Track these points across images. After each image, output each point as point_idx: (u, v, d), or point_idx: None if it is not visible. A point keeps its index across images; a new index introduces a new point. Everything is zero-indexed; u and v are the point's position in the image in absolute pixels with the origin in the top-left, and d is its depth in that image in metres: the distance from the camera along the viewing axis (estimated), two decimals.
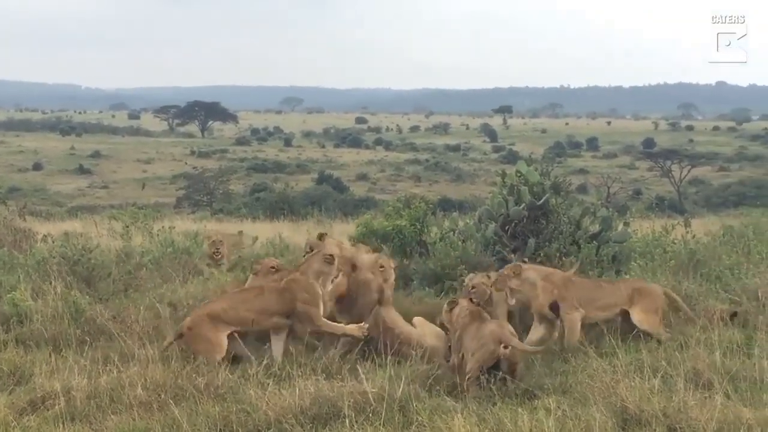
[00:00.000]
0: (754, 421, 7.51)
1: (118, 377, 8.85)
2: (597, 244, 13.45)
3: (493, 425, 7.53)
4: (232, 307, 10.13)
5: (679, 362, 9.14)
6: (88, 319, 11.03)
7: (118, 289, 12.78)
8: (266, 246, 15.68)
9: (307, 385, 8.45)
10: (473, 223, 13.90)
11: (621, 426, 7.66)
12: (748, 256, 14.22)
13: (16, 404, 8.45)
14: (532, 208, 13.23)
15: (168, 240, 16.29)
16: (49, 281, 12.41)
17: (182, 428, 7.62)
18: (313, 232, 18.13)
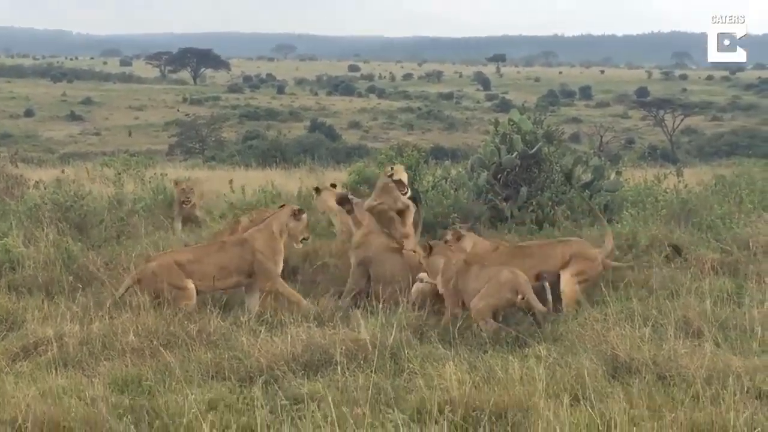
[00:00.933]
0: (743, 369, 7.55)
1: (110, 324, 8.88)
2: (589, 193, 13.45)
3: (483, 373, 7.56)
4: (196, 259, 10.09)
5: (670, 311, 9.18)
6: (81, 266, 11.04)
7: (110, 236, 12.77)
8: (258, 194, 15.61)
9: (299, 333, 8.48)
10: (465, 172, 13.91)
11: (611, 374, 7.70)
12: (739, 205, 14.24)
13: (9, 350, 8.48)
14: (524, 157, 13.21)
15: (160, 187, 16.27)
16: (41, 228, 12.40)
17: (174, 374, 7.64)
18: (305, 179, 18.15)
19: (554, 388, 7.24)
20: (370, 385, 7.33)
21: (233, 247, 10.20)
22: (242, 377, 7.71)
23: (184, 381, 7.52)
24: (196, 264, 9.96)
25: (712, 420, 6.52)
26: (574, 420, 6.54)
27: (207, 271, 9.92)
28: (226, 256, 10.10)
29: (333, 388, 7.31)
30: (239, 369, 7.84)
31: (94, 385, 7.37)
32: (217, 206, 15.55)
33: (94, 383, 7.45)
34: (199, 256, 10.15)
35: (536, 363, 7.77)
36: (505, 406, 6.78)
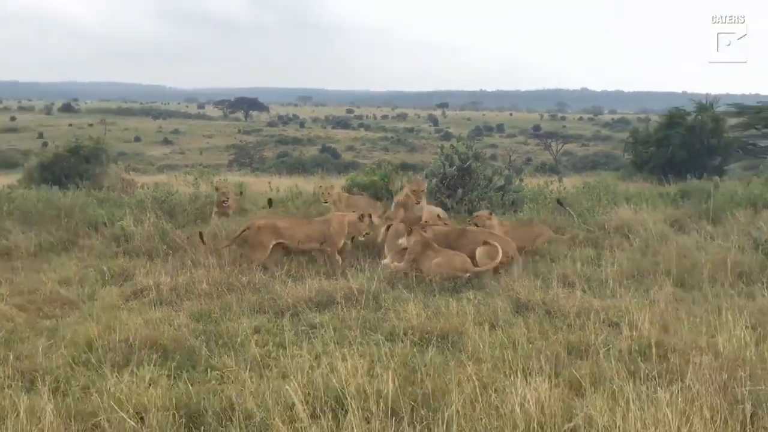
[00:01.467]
0: (600, 307, 7.59)
1: (190, 276, 8.85)
2: (502, 193, 13.47)
3: (433, 308, 7.59)
4: (291, 226, 10.03)
5: (553, 269, 9.22)
6: (171, 239, 11.00)
7: (190, 220, 12.73)
8: (287, 191, 15.61)
9: (313, 283, 8.48)
10: (422, 179, 13.89)
11: (515, 310, 7.73)
12: (599, 201, 14.28)
13: (124, 293, 8.49)
14: (460, 169, 13.21)
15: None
16: (145, 214, 12.38)
17: (233, 309, 7.66)
18: (318, 183, 18.09)
19: (479, 319, 7.27)
20: (360, 317, 7.35)
21: (317, 224, 10.14)
22: (276, 312, 7.71)
23: (238, 314, 7.54)
24: (290, 230, 9.93)
25: (580, 340, 6.56)
26: (491, 340, 6.57)
27: (296, 235, 9.89)
28: (311, 228, 10.05)
29: (336, 319, 7.32)
30: (274, 306, 7.84)
31: (180, 317, 7.38)
32: (260, 199, 15.51)
33: (179, 315, 7.46)
34: (293, 224, 10.14)
35: (467, 303, 7.79)
36: (447, 330, 6.81)
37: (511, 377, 5.39)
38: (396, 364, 5.70)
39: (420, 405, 5.11)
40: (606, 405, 4.79)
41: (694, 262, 9.49)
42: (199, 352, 6.32)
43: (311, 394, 5.18)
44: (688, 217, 13.00)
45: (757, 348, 6.23)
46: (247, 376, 5.56)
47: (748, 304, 7.83)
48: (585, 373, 5.62)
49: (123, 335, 6.53)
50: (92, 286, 8.96)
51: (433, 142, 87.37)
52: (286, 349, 6.38)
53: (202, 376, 5.87)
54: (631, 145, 28.55)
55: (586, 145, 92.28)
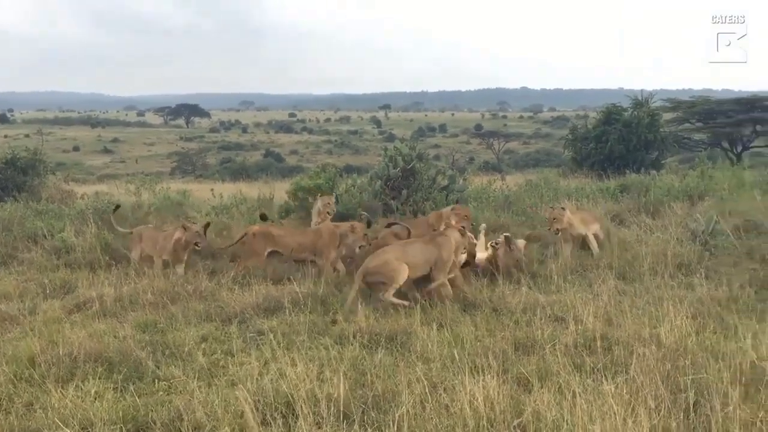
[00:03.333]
0: (546, 302, 7.69)
1: (134, 287, 8.73)
2: (446, 192, 13.53)
3: (381, 310, 7.60)
4: (285, 235, 9.87)
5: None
6: (113, 249, 10.83)
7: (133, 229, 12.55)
8: (230, 198, 15.49)
9: (260, 289, 8.45)
10: (367, 181, 13.87)
11: (462, 309, 7.78)
12: (541, 198, 14.48)
13: (66, 306, 8.31)
14: (404, 171, 13.22)
15: (166, 196, 16.06)
16: (87, 224, 12.19)
17: (178, 319, 7.55)
18: (262, 189, 17.97)
19: (427, 319, 7.30)
20: (308, 321, 7.33)
21: (310, 234, 9.93)
22: (223, 319, 7.64)
23: (184, 323, 7.45)
24: (284, 238, 9.75)
25: (527, 336, 6.62)
26: (439, 339, 6.60)
27: (289, 244, 9.70)
28: (304, 237, 9.85)
29: (284, 324, 7.28)
30: (221, 314, 7.77)
31: (125, 328, 7.27)
32: (203, 206, 15.35)
33: (124, 327, 7.34)
34: (287, 233, 9.98)
35: (414, 303, 7.82)
36: (395, 331, 6.82)
37: (459, 376, 5.41)
38: (346, 367, 5.69)
39: (371, 407, 5.11)
40: (553, 399, 4.85)
41: (635, 254, 9.68)
42: (146, 363, 6.22)
43: (261, 401, 5.15)
44: (628, 210, 13.24)
45: (697, 337, 6.38)
46: (195, 385, 5.50)
47: (688, 294, 8.02)
48: (532, 368, 5.68)
49: (66, 349, 6.39)
50: (33, 300, 8.74)
51: (377, 144, 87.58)
52: (235, 356, 6.34)
53: (149, 388, 5.78)
54: (571, 142, 28.99)
55: (527, 143, 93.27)
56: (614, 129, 26.39)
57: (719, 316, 7.23)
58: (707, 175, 16.21)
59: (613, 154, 26.00)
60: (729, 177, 15.73)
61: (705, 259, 9.60)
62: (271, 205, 15.00)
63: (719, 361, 5.55)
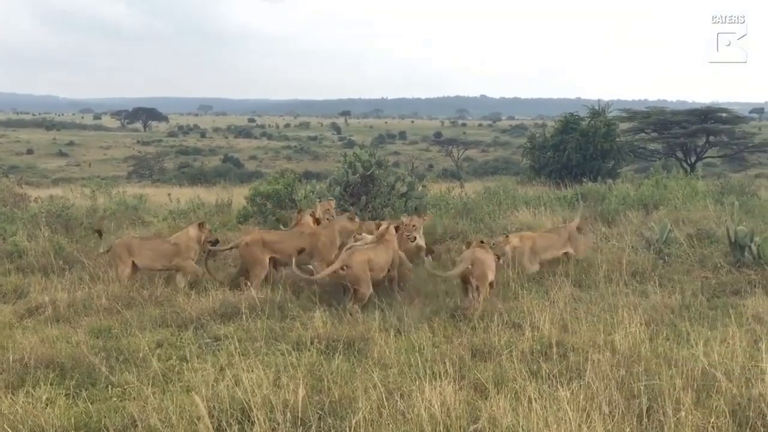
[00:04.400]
0: (504, 309, 7.77)
1: (89, 292, 8.63)
2: (405, 199, 13.57)
3: (337, 318, 7.59)
4: (279, 240, 9.45)
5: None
6: (67, 254, 10.68)
7: (87, 234, 12.37)
8: (188, 203, 15.39)
9: (217, 294, 8.39)
10: (326, 187, 13.86)
11: (420, 315, 7.78)
12: (499, 205, 14.60)
13: (18, 312, 8.20)
14: (363, 177, 13.24)
15: (122, 200, 15.90)
16: (39, 229, 12.03)
17: (133, 325, 7.46)
18: (221, 194, 17.87)
19: (385, 325, 7.30)
20: (265, 327, 7.29)
21: (307, 237, 9.52)
22: (179, 325, 7.57)
23: (139, 329, 7.36)
24: (279, 243, 9.34)
25: (484, 342, 6.66)
26: (397, 346, 6.61)
27: (286, 249, 9.25)
28: (302, 241, 9.44)
29: (240, 330, 7.25)
30: (177, 319, 7.70)
31: (78, 334, 7.16)
32: (160, 211, 15.22)
33: (78, 332, 7.24)
34: (282, 237, 9.54)
35: (372, 309, 7.83)
36: (353, 338, 6.82)
37: (417, 382, 5.42)
38: (302, 373, 5.66)
39: (327, 413, 5.09)
40: (509, 405, 4.88)
41: (590, 262, 9.80)
42: (99, 369, 6.13)
43: (216, 407, 5.10)
44: (584, 219, 13.38)
45: (651, 344, 6.47)
46: (149, 391, 5.43)
47: (642, 301, 8.13)
48: (489, 374, 5.72)
49: (17, 354, 6.29)
50: None
51: (337, 150, 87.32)
52: (190, 362, 6.27)
53: (102, 394, 5.70)
54: (529, 150, 29.29)
55: (486, 150, 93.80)
56: (572, 138, 26.73)
57: (672, 324, 7.34)
58: (662, 185, 16.47)
59: (571, 162, 26.34)
60: (683, 186, 16.00)
61: (659, 267, 9.75)
62: (229, 210, 14.92)
63: (672, 368, 5.63)
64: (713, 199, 14.62)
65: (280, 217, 12.48)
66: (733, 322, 6.86)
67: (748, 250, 9.61)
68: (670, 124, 36.73)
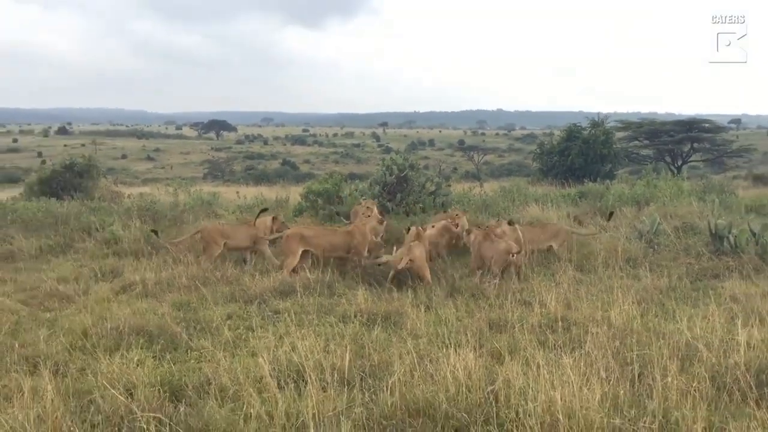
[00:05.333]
0: (517, 289, 7.70)
1: (172, 272, 8.74)
2: (433, 196, 13.54)
3: (377, 296, 7.61)
4: (316, 235, 9.13)
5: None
6: (154, 241, 10.82)
7: (171, 224, 12.54)
8: (254, 199, 15.53)
9: (277, 276, 8.44)
10: (367, 186, 13.86)
11: (447, 294, 7.78)
12: (513, 201, 14.50)
13: (114, 288, 8.32)
14: (398, 178, 13.23)
15: (198, 196, 16.08)
16: (132, 220, 12.23)
17: (208, 300, 7.54)
18: (279, 192, 17.97)
19: (416, 302, 7.30)
20: (316, 303, 7.33)
21: (342, 234, 9.24)
22: (246, 300, 7.63)
23: (213, 303, 7.44)
24: (315, 238, 9.05)
25: (499, 317, 6.63)
26: (426, 319, 6.61)
27: (321, 244, 9.04)
28: (336, 238, 9.19)
29: (296, 305, 7.28)
30: (243, 296, 7.76)
31: (163, 307, 7.26)
32: (230, 206, 15.36)
33: (163, 305, 7.33)
34: (318, 233, 9.23)
35: (406, 291, 7.84)
36: (390, 312, 6.84)
37: (443, 349, 5.42)
38: (347, 341, 5.68)
39: (368, 375, 5.12)
40: (521, 370, 4.85)
41: (590, 250, 9.70)
42: (180, 336, 6.22)
43: (276, 368, 5.15)
44: (586, 213, 13.26)
45: (642, 319, 6.41)
46: (221, 355, 5.49)
47: (635, 283, 8.03)
48: (503, 344, 5.69)
49: (114, 324, 6.40)
50: (86, 282, 8.77)
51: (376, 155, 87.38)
52: (255, 331, 6.33)
53: (182, 357, 5.77)
54: (538, 155, 29.03)
55: (502, 155, 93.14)
56: (575, 145, 26.43)
57: (661, 302, 7.25)
58: (652, 185, 16.23)
59: (574, 165, 26.05)
60: (671, 186, 15.73)
61: (649, 254, 9.63)
62: (287, 205, 15.00)
63: (660, 340, 5.57)
64: (697, 197, 14.36)
65: (339, 212, 12.45)
66: (713, 301, 6.76)
67: (726, 240, 9.46)
68: (659, 133, 36.26)
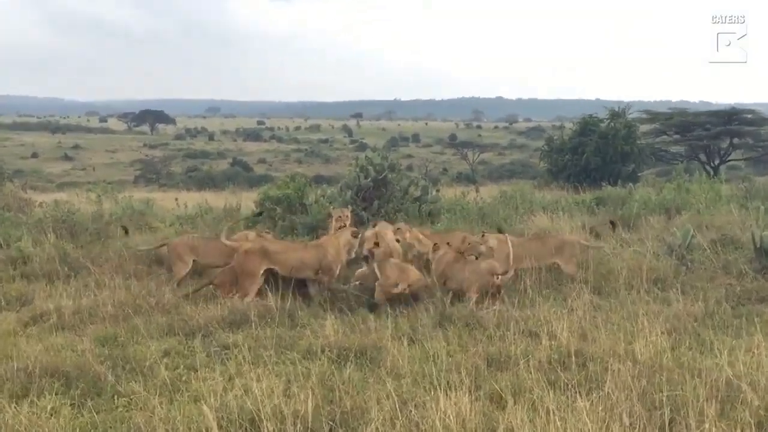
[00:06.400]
0: (520, 317, 7.72)
1: (94, 299, 8.67)
2: (419, 204, 13.57)
3: (348, 326, 7.59)
4: (284, 250, 9.11)
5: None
6: (72, 260, 10.73)
7: (93, 239, 12.44)
8: (196, 208, 15.46)
9: (225, 302, 8.41)
10: (337, 191, 13.87)
11: (436, 323, 7.78)
12: (516, 210, 14.57)
13: (22, 319, 8.23)
14: (375, 181, 13.27)
15: (128, 205, 15.97)
16: (44, 234, 12.11)
17: (140, 332, 7.48)
18: (229, 199, 17.92)
19: (397, 333, 7.30)
20: (275, 335, 7.30)
21: (312, 249, 9.20)
22: (187, 333, 7.57)
23: (146, 337, 7.38)
24: (282, 254, 9.00)
25: (500, 351, 6.64)
26: (410, 354, 6.60)
27: (289, 261, 8.97)
28: (306, 254, 9.11)
29: (250, 338, 7.25)
30: (185, 328, 7.70)
31: (83, 342, 7.19)
32: (167, 216, 15.28)
33: (83, 340, 7.27)
34: (285, 248, 9.20)
35: (385, 317, 7.83)
36: (365, 346, 6.82)
37: (431, 392, 5.41)
38: (313, 383, 5.66)
39: (339, 424, 5.09)
40: (527, 416, 4.86)
41: (610, 269, 9.75)
42: (105, 378, 6.15)
43: (225, 417, 5.11)
44: (604, 224, 13.34)
45: (673, 353, 6.44)
46: (156, 401, 5.44)
47: (664, 309, 8.08)
48: (505, 384, 5.69)
49: (21, 363, 6.31)
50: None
51: (348, 153, 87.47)
52: (198, 371, 6.28)
53: (108, 404, 5.71)
54: (546, 153, 29.29)
55: (502, 153, 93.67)
56: (590, 140, 26.70)
57: (695, 332, 7.30)
58: (684, 189, 16.40)
59: (589, 166, 26.30)
60: (706, 190, 15.92)
61: (681, 273, 9.69)
62: (237, 215, 14.95)
63: (695, 378, 5.61)
64: (737, 204, 14.53)
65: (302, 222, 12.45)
66: (759, 330, 6.82)
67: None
68: (692, 126, 36.63)
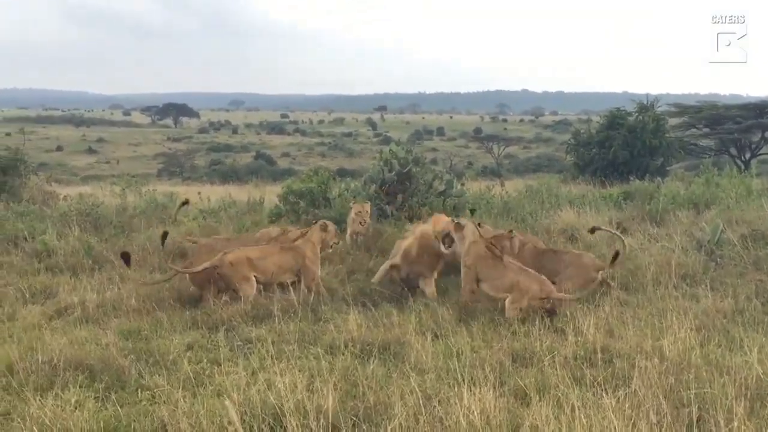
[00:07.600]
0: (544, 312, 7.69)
1: (118, 292, 8.74)
2: (443, 198, 13.55)
3: (371, 319, 7.60)
4: (262, 257, 8.97)
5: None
6: (97, 253, 10.82)
7: (117, 232, 12.54)
8: (219, 202, 15.51)
9: (249, 296, 8.44)
10: (361, 185, 13.87)
11: (459, 318, 7.77)
12: (542, 204, 14.49)
13: (46, 312, 8.30)
14: (399, 175, 13.24)
15: (152, 198, 16.06)
16: (69, 227, 12.22)
17: (164, 326, 7.54)
18: (252, 192, 17.98)
19: (421, 328, 7.30)
20: (298, 330, 7.32)
21: (289, 252, 9.11)
22: (210, 327, 7.62)
23: (169, 330, 7.44)
24: (262, 261, 8.85)
25: (525, 347, 6.62)
26: (434, 350, 6.60)
27: (268, 267, 8.86)
28: (283, 257, 9.04)
29: (273, 333, 7.27)
30: (208, 322, 7.75)
31: (107, 335, 7.23)
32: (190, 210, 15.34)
33: (107, 334, 7.31)
34: (264, 254, 9.01)
35: (409, 312, 7.83)
36: (389, 341, 6.82)
37: (455, 388, 5.41)
38: (336, 378, 5.68)
39: (362, 419, 5.10)
40: (552, 413, 4.84)
41: (638, 264, 9.69)
42: (129, 371, 6.20)
43: (248, 412, 5.13)
44: (632, 219, 13.26)
45: (702, 350, 6.39)
46: (180, 395, 5.47)
47: (692, 305, 8.02)
48: (530, 381, 5.67)
49: (46, 356, 6.37)
50: (12, 305, 8.73)
51: (372, 146, 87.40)
52: (221, 365, 6.31)
53: (131, 397, 5.76)
54: (573, 147, 29.10)
55: (528, 147, 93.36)
56: (618, 134, 26.50)
57: (724, 329, 7.23)
58: (713, 183, 16.24)
59: (617, 160, 26.11)
60: (736, 185, 15.74)
61: (710, 269, 9.61)
62: (261, 209, 15.01)
63: (724, 376, 5.56)
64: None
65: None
66: None
67: None
68: (722, 119, 36.27)
